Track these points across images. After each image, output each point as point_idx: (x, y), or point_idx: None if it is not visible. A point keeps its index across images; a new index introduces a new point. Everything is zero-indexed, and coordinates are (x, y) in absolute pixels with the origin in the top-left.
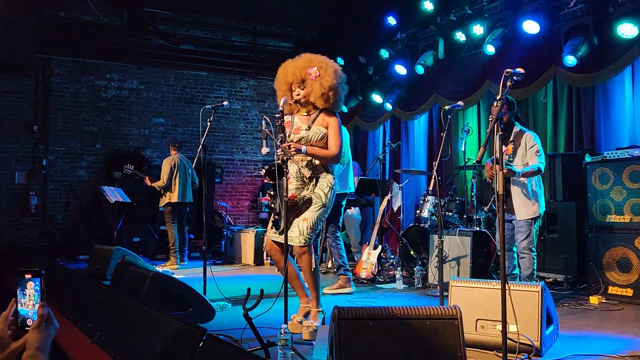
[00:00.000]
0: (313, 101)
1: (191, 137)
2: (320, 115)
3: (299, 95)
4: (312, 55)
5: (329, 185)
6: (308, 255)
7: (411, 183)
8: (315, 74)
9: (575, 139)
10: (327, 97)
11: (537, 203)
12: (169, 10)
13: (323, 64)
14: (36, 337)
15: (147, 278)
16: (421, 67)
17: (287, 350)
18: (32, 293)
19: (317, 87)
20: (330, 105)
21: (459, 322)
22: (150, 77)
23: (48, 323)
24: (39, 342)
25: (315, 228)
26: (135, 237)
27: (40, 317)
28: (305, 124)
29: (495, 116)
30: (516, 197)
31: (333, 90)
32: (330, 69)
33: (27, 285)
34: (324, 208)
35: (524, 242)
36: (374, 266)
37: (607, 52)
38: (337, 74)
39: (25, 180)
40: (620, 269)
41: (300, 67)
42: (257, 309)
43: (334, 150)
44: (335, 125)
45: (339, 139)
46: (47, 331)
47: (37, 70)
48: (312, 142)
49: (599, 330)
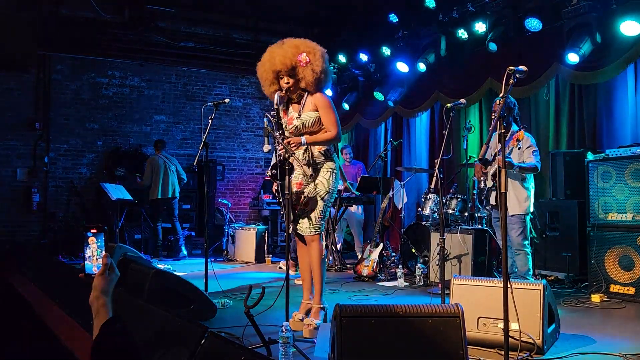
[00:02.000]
0: (305, 87)
1: (192, 135)
2: (308, 99)
3: (288, 84)
4: (296, 41)
5: (329, 170)
6: (318, 243)
7: (412, 181)
8: (305, 60)
9: (577, 136)
10: (319, 81)
11: (529, 200)
12: (170, 7)
13: (310, 49)
14: (100, 282)
15: (149, 275)
16: (423, 65)
17: (288, 347)
18: (95, 249)
19: (309, 74)
20: (322, 86)
21: (461, 320)
22: (151, 75)
23: (110, 271)
24: (103, 286)
25: (323, 216)
26: (136, 235)
27: (104, 265)
28: (296, 111)
29: (498, 114)
30: (510, 193)
31: (324, 74)
32: (318, 53)
33: (90, 242)
34: (328, 194)
35: (519, 237)
36: (376, 264)
37: (609, 49)
38: (324, 57)
39: (27, 178)
40: (622, 268)
41: (289, 54)
42: (259, 306)
43: (332, 130)
44: (326, 104)
45: (334, 116)
46: (109, 277)
47: (38, 67)
48: (306, 129)
49: (601, 328)
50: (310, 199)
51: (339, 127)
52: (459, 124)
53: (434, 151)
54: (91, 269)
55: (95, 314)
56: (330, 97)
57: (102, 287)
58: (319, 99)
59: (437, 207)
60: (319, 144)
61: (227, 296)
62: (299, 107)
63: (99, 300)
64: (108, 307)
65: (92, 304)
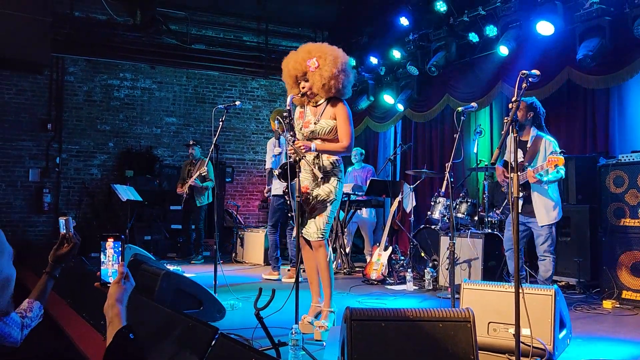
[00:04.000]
0: (316, 92)
1: (202, 137)
2: (327, 106)
3: (304, 88)
4: (311, 46)
5: (336, 178)
6: (324, 248)
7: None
8: (314, 66)
9: (589, 141)
10: (328, 87)
11: (557, 208)
12: (181, 10)
13: (322, 54)
14: (115, 290)
15: (159, 276)
16: (433, 68)
17: (298, 350)
18: (111, 254)
19: (317, 79)
20: (333, 94)
21: (472, 325)
22: (162, 77)
23: (126, 280)
24: (118, 294)
25: (329, 222)
26: (146, 236)
27: (120, 274)
28: (314, 116)
29: (511, 118)
30: (537, 203)
31: (334, 79)
32: (330, 58)
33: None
34: (335, 201)
35: (544, 245)
36: (385, 267)
37: (622, 53)
38: (336, 62)
39: (39, 178)
40: (634, 273)
41: (299, 60)
42: (268, 308)
43: (344, 142)
44: (343, 114)
45: (349, 128)
46: (125, 286)
47: (52, 69)
48: (321, 135)
49: (613, 335)
50: (317, 205)
51: (351, 140)
52: (469, 127)
53: (443, 155)
54: (107, 276)
55: (110, 322)
56: (349, 110)
57: (118, 295)
58: (340, 109)
59: (446, 210)
60: (328, 153)
61: (236, 298)
62: (317, 112)
63: (113, 309)
64: (122, 316)
65: (107, 312)
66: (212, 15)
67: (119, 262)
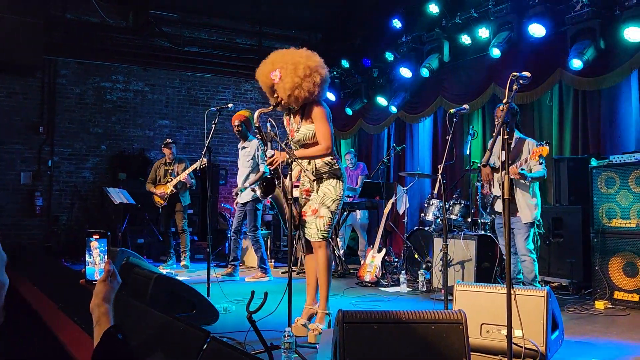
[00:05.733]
0: (288, 103)
1: (196, 139)
2: (306, 111)
3: (277, 98)
4: (276, 55)
5: (335, 177)
6: (325, 249)
7: (415, 186)
8: (277, 78)
9: (581, 142)
10: (295, 97)
11: (538, 207)
12: (174, 13)
13: (283, 64)
14: (102, 288)
15: (151, 280)
16: (426, 70)
17: (290, 353)
18: (97, 253)
19: (281, 91)
20: (302, 101)
21: (464, 327)
22: (155, 79)
23: (112, 278)
24: (105, 293)
25: (331, 223)
26: (139, 239)
27: (107, 272)
28: (297, 124)
29: (502, 120)
30: (521, 201)
31: (297, 89)
32: (290, 67)
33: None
34: (336, 202)
35: (524, 243)
36: (378, 269)
37: (613, 55)
38: (297, 70)
39: (31, 181)
40: (626, 274)
41: (265, 73)
42: (261, 311)
43: (322, 143)
44: (319, 116)
45: (326, 129)
46: (111, 285)
47: (44, 71)
48: (306, 142)
49: (605, 335)
50: (319, 207)
51: (330, 139)
52: (462, 129)
53: (437, 157)
54: (92, 274)
55: (97, 321)
56: (327, 107)
57: (104, 294)
58: (314, 110)
59: (440, 212)
60: (308, 158)
61: (230, 301)
62: (299, 119)
63: (100, 307)
64: (109, 315)
65: (93, 311)
66: (205, 17)
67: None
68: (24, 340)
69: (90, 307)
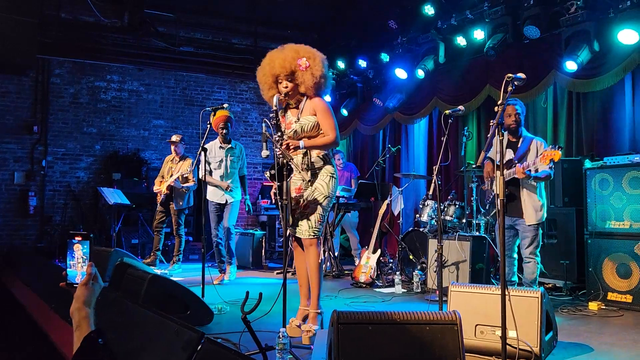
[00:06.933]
0: (304, 91)
1: (191, 139)
2: (306, 104)
3: (286, 88)
4: (296, 46)
5: (328, 174)
6: (316, 247)
7: (410, 187)
8: (305, 65)
9: (575, 144)
10: (318, 85)
11: (543, 209)
12: (169, 12)
13: (310, 54)
14: (83, 292)
15: (146, 280)
16: (422, 71)
17: (285, 354)
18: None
19: (308, 78)
20: (316, 92)
21: (459, 328)
22: (150, 79)
23: (94, 281)
24: (86, 296)
25: (322, 220)
26: (133, 239)
27: (88, 275)
28: (294, 116)
29: (497, 121)
30: (526, 202)
31: (324, 78)
32: (318, 58)
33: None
34: (328, 199)
35: (531, 247)
36: (373, 270)
37: (607, 58)
38: (323, 62)
39: (24, 181)
40: (619, 275)
41: (288, 58)
42: (256, 312)
43: (331, 134)
44: (324, 108)
45: (332, 120)
46: (92, 288)
47: (37, 70)
48: (304, 133)
49: (598, 336)
50: (310, 203)
51: (337, 131)
52: (457, 130)
53: (432, 158)
54: (74, 278)
55: (77, 326)
56: (329, 103)
57: (85, 297)
58: (318, 103)
59: (434, 213)
60: (317, 148)
61: (224, 302)
62: (298, 112)
63: (80, 312)
64: (90, 320)
65: (73, 315)
66: (201, 17)
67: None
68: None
69: (71, 311)
